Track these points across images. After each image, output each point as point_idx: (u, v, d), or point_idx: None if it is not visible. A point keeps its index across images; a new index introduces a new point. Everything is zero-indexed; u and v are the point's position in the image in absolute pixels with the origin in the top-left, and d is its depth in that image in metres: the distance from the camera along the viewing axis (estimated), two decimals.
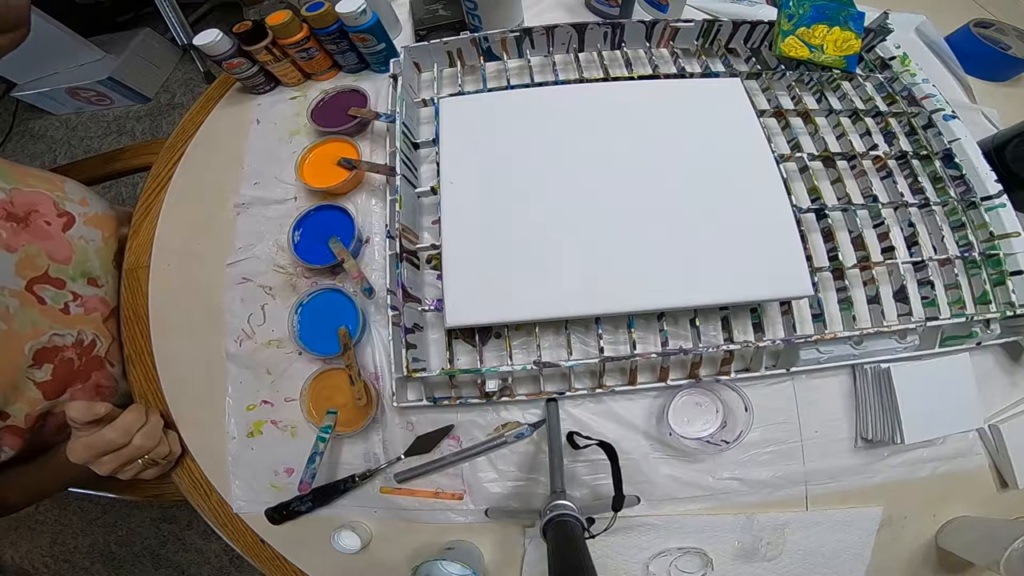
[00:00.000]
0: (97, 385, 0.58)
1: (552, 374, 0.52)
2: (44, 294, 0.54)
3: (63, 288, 0.56)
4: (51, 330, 0.53)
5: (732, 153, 0.52)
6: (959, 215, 0.56)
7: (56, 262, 0.56)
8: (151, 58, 1.79)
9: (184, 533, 1.31)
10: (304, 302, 0.55)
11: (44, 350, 0.52)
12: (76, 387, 0.55)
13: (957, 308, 0.53)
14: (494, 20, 0.64)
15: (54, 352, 0.53)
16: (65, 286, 0.56)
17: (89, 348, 0.57)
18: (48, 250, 0.55)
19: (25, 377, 0.50)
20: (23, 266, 0.53)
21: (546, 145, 0.52)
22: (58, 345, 0.54)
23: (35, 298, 0.53)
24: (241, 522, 0.53)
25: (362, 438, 0.53)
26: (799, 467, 0.51)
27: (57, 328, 0.54)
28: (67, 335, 0.55)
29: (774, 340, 0.49)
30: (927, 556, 0.51)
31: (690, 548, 0.49)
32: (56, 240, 0.57)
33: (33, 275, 0.54)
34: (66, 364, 0.54)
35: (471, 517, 0.51)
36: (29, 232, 0.54)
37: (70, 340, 0.55)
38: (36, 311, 0.53)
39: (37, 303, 0.53)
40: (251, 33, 0.61)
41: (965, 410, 0.49)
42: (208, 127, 0.71)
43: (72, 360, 0.55)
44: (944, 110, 0.59)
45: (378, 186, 0.62)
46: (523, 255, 0.48)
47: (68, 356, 0.54)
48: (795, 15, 0.63)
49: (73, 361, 0.55)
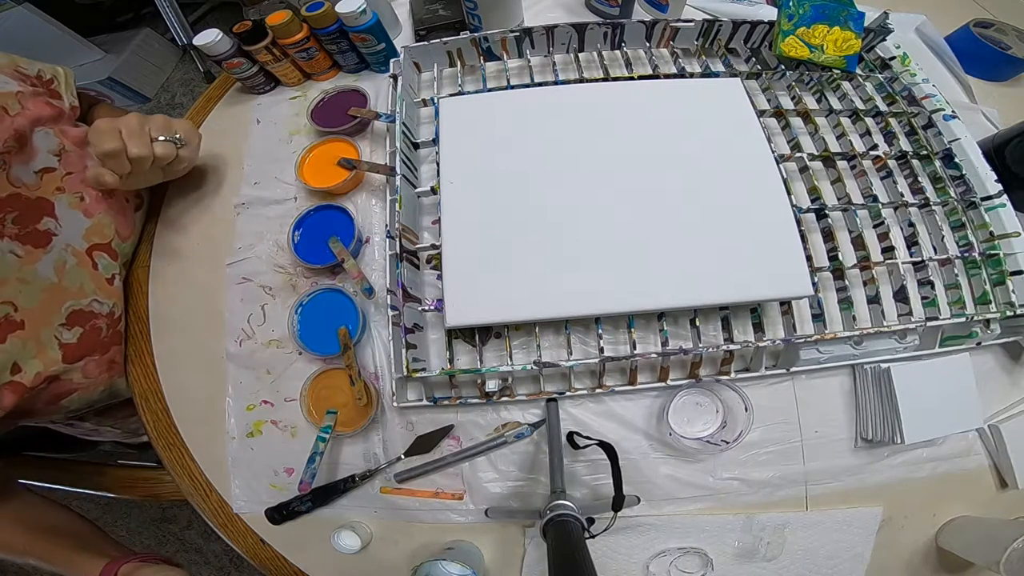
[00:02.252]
0: (111, 361, 0.59)
1: (552, 374, 0.52)
2: (100, 260, 0.57)
3: (116, 260, 0.59)
4: (94, 295, 0.55)
5: (732, 153, 0.52)
6: (959, 215, 0.56)
7: (120, 237, 0.59)
8: (151, 58, 1.79)
9: (184, 533, 1.31)
10: (304, 302, 0.55)
11: (81, 312, 0.54)
12: (94, 357, 0.56)
13: (957, 308, 0.53)
14: (494, 20, 0.64)
15: (89, 317, 0.55)
16: (118, 259, 0.60)
17: (116, 322, 0.59)
18: (118, 224, 0.59)
19: (52, 335, 0.51)
20: (92, 232, 0.56)
21: (546, 145, 0.52)
22: (95, 311, 0.56)
23: (91, 262, 0.56)
24: (241, 522, 0.53)
25: (362, 438, 0.53)
26: (799, 467, 0.51)
27: (100, 296, 0.56)
28: (106, 304, 0.57)
29: (774, 340, 0.49)
30: (927, 556, 0.51)
31: (690, 548, 0.49)
32: (127, 217, 0.61)
33: (98, 241, 0.57)
34: (94, 332, 0.56)
35: (471, 517, 0.51)
36: (108, 204, 0.58)
37: (106, 310, 0.57)
38: (88, 273, 0.55)
39: (91, 266, 0.56)
40: (251, 33, 0.61)
41: (965, 410, 0.49)
42: (208, 127, 0.71)
43: (100, 329, 0.56)
44: (944, 110, 0.59)
45: (378, 186, 0.62)
46: (523, 255, 0.48)
47: (99, 325, 0.56)
48: (795, 15, 0.63)
49: (101, 331, 0.56)
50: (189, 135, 0.56)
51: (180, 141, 0.55)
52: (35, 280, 0.49)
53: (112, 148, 0.49)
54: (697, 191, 0.50)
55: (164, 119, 0.54)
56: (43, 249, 0.50)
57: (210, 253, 0.62)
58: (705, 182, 0.50)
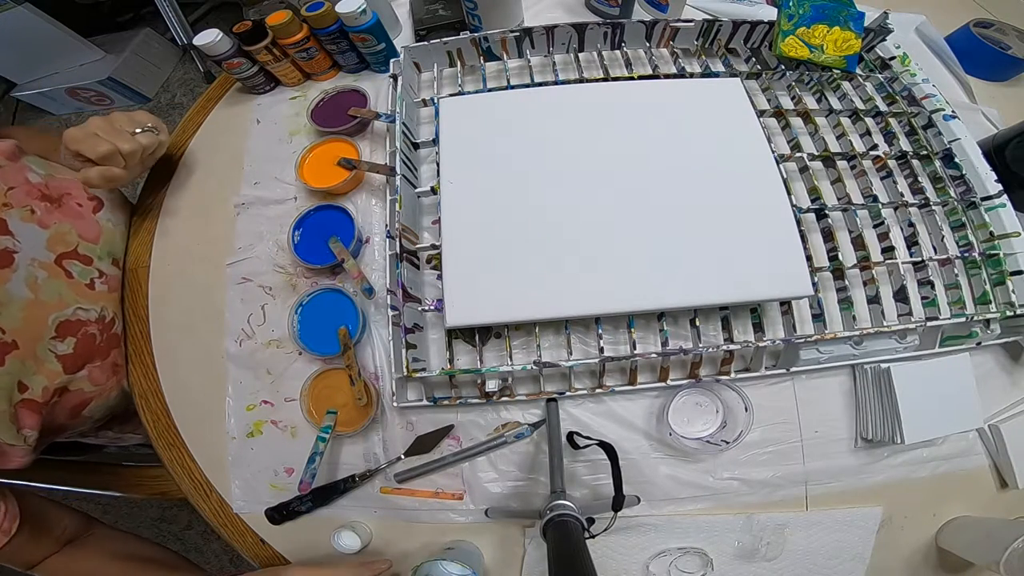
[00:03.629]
0: (115, 364, 0.59)
1: (552, 374, 0.52)
2: (72, 268, 0.56)
3: (90, 264, 0.59)
4: (76, 304, 0.55)
5: (732, 153, 0.52)
6: (959, 215, 0.56)
7: (85, 240, 0.59)
8: (151, 58, 1.79)
9: (184, 533, 1.31)
10: (304, 302, 0.55)
11: (68, 323, 0.54)
12: (95, 363, 0.56)
13: (957, 308, 0.53)
14: (494, 20, 0.64)
15: (77, 326, 0.55)
16: (92, 263, 0.59)
17: (110, 325, 0.59)
18: (79, 229, 0.58)
19: (47, 349, 0.51)
20: (54, 241, 0.55)
21: (546, 145, 0.52)
22: (82, 319, 0.55)
23: (63, 271, 0.55)
24: (241, 522, 0.53)
25: (362, 438, 0.53)
26: (799, 467, 0.51)
27: (82, 303, 0.56)
28: (91, 310, 0.57)
29: (774, 340, 0.49)
30: (927, 556, 0.51)
31: (690, 548, 0.49)
32: (87, 220, 0.60)
33: (63, 250, 0.56)
34: (88, 339, 0.55)
35: (471, 517, 0.51)
36: (61, 212, 0.57)
37: (94, 315, 0.57)
38: (63, 283, 0.55)
39: (65, 276, 0.55)
40: (251, 33, 0.61)
41: (965, 410, 0.49)
42: (208, 127, 0.71)
43: (94, 336, 0.56)
44: (944, 110, 0.59)
45: (378, 186, 0.62)
46: (523, 255, 0.48)
47: (91, 331, 0.56)
48: (795, 15, 0.63)
49: (95, 336, 0.56)
50: (156, 122, 0.58)
51: (154, 129, 0.57)
52: (11, 301, 0.49)
53: (107, 150, 0.51)
54: (697, 191, 0.50)
55: (127, 114, 0.56)
56: (9, 268, 0.49)
57: (210, 253, 0.62)
58: (705, 182, 0.50)
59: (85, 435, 0.69)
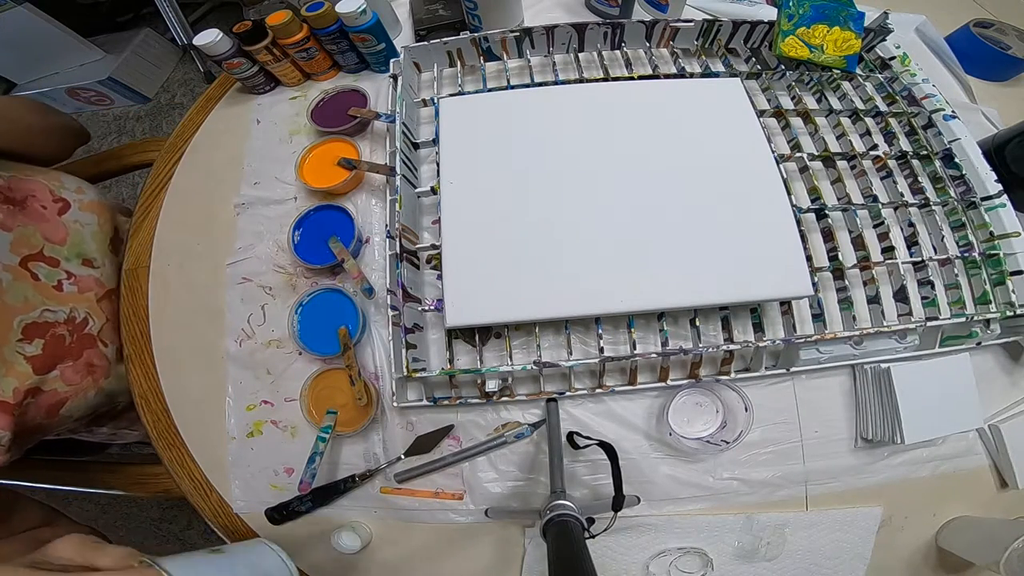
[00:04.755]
0: (89, 364, 0.58)
1: (552, 374, 0.52)
2: (38, 271, 0.56)
3: (57, 267, 0.58)
4: (43, 306, 0.55)
5: (732, 153, 0.52)
6: (959, 215, 0.56)
7: (51, 242, 0.58)
8: (151, 58, 1.78)
9: (184, 533, 1.31)
10: (304, 302, 0.55)
11: (35, 325, 0.53)
12: (67, 363, 0.56)
13: (957, 308, 0.53)
14: (494, 20, 0.64)
15: (45, 327, 0.54)
16: (59, 265, 0.58)
17: (81, 326, 0.58)
18: (43, 231, 0.58)
19: (15, 351, 0.51)
20: (18, 244, 0.54)
21: (546, 145, 0.52)
22: (49, 321, 0.55)
23: (28, 274, 0.55)
24: (241, 522, 0.53)
25: (362, 438, 0.53)
26: (799, 467, 0.51)
27: (49, 304, 0.55)
28: (59, 311, 0.56)
29: (774, 340, 0.49)
30: (927, 556, 0.51)
31: (690, 548, 0.49)
32: (51, 222, 0.59)
33: (28, 252, 0.55)
34: (57, 340, 0.55)
35: (471, 517, 0.51)
36: (25, 214, 0.56)
37: (62, 316, 0.56)
38: (29, 286, 0.54)
39: (30, 278, 0.55)
40: (251, 33, 0.61)
41: (965, 410, 0.49)
42: (208, 127, 0.71)
43: (63, 336, 0.56)
44: (944, 110, 0.59)
45: (378, 186, 0.62)
46: (523, 255, 0.48)
47: (59, 332, 0.55)
48: (795, 15, 0.63)
49: (64, 337, 0.56)
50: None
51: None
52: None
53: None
54: (697, 191, 0.50)
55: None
56: None
57: (210, 253, 0.62)
58: (705, 182, 0.50)
59: (77, 432, 0.68)
